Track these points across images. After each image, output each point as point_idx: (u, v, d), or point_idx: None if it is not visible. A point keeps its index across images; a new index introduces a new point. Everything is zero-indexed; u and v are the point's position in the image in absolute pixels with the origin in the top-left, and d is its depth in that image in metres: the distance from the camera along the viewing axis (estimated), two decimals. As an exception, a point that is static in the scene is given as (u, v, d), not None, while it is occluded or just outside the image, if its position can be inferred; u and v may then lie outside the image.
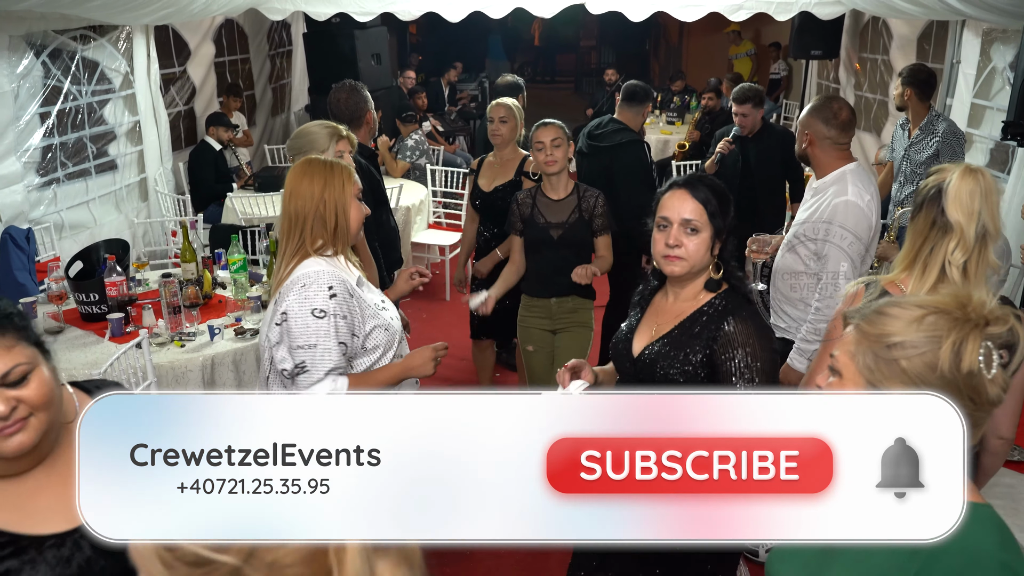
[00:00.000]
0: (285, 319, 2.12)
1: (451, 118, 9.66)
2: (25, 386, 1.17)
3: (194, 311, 3.43)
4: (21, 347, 1.17)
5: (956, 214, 1.84)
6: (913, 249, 1.91)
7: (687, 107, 9.02)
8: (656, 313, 1.99)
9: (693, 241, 1.86)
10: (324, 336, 2.10)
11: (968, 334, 1.06)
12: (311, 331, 2.10)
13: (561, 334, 3.37)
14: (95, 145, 5.42)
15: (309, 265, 2.14)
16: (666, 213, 1.90)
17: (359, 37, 7.04)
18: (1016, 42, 4.23)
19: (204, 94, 6.92)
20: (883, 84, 6.51)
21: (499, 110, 3.85)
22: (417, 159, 6.74)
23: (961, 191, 1.84)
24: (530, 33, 17.18)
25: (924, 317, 1.09)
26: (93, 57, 5.34)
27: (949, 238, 1.84)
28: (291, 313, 2.11)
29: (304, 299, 2.10)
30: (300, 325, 2.10)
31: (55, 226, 4.91)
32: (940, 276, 1.85)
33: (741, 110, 4.41)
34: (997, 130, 4.66)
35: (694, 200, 1.87)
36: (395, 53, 12.07)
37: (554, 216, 3.28)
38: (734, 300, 1.89)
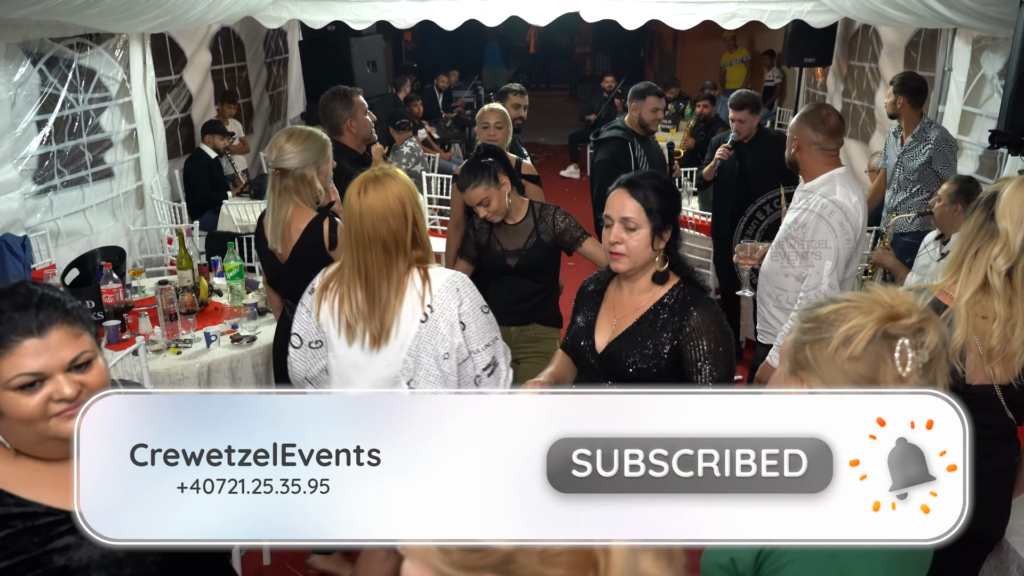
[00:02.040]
0: (465, 325, 2.17)
1: (446, 125, 9.68)
2: (88, 372, 1.25)
3: (190, 318, 3.44)
4: (87, 336, 1.27)
5: (1005, 221, 1.85)
6: (961, 251, 1.92)
7: (681, 114, 9.07)
8: (613, 307, 2.07)
9: (633, 238, 1.96)
10: (494, 328, 2.22)
11: (866, 324, 1.08)
12: (488, 328, 2.20)
13: (523, 363, 3.09)
14: (92, 153, 5.43)
15: (440, 271, 2.21)
16: (608, 212, 2.01)
17: (355, 44, 7.06)
18: (1006, 50, 4.27)
19: (201, 102, 6.93)
20: (870, 92, 6.56)
21: (493, 115, 3.85)
22: (412, 166, 6.76)
23: (1013, 200, 1.85)
24: (525, 40, 17.25)
25: (838, 308, 1.13)
26: (90, 65, 5.35)
27: (995, 243, 1.85)
28: (469, 316, 2.17)
29: (471, 300, 2.19)
30: (482, 324, 2.18)
31: (51, 234, 4.91)
32: (984, 282, 1.85)
33: (738, 116, 4.45)
34: (986, 137, 4.70)
35: (632, 199, 1.97)
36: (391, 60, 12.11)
37: (511, 243, 3.08)
38: (693, 291, 1.99)
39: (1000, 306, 1.82)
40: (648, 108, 4.29)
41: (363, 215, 2.13)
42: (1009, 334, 1.81)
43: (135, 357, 3.04)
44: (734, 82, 10.00)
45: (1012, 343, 1.82)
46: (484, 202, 2.95)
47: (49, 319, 1.22)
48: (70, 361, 1.23)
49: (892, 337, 1.07)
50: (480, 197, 2.94)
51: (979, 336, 1.84)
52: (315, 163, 2.77)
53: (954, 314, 1.85)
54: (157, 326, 3.40)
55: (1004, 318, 1.82)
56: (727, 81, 10.39)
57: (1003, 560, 2.12)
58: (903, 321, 1.07)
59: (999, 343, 1.82)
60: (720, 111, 8.04)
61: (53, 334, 1.22)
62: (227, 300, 3.75)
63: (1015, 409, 1.89)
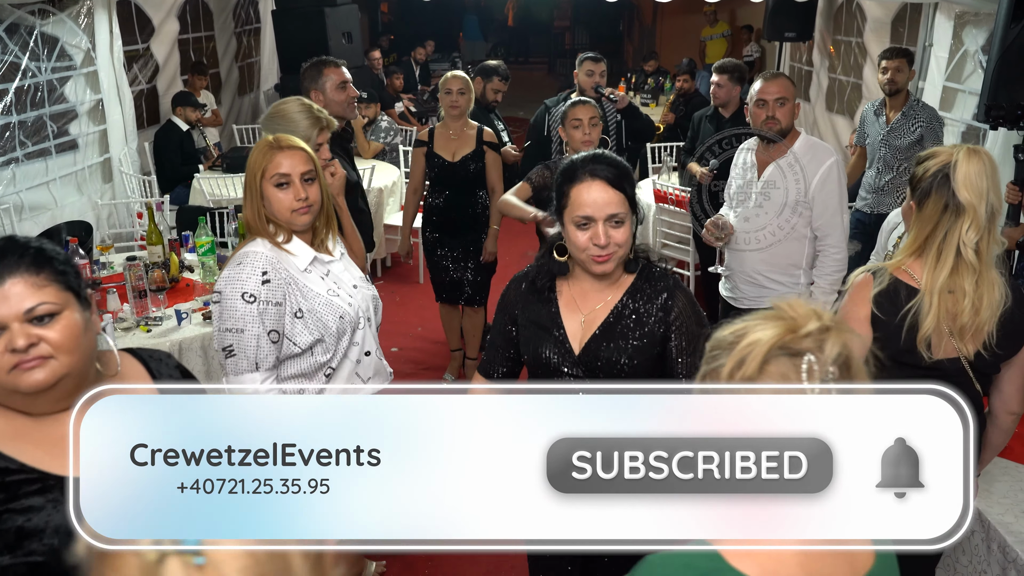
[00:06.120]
0: (219, 299, 2.05)
1: (424, 98, 9.54)
2: (50, 326, 1.21)
3: (160, 295, 3.35)
4: (54, 288, 1.22)
5: (967, 195, 1.83)
6: (922, 236, 1.90)
7: (661, 88, 9.00)
8: (575, 304, 1.86)
9: (620, 232, 1.75)
10: (252, 322, 2.02)
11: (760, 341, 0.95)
12: (239, 315, 2.02)
13: None
14: (55, 124, 5.26)
15: (253, 245, 2.08)
16: (588, 212, 1.74)
17: (329, 15, 6.88)
18: (988, 25, 4.25)
19: (167, 72, 6.75)
20: (857, 67, 6.53)
21: (457, 82, 3.92)
22: (392, 139, 6.65)
23: (970, 172, 1.84)
24: (504, 13, 17.03)
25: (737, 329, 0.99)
26: (52, 32, 5.17)
27: (962, 220, 1.84)
28: (223, 293, 2.04)
29: (236, 280, 2.03)
30: (229, 307, 2.03)
31: (14, 207, 4.77)
32: (956, 260, 1.85)
33: (718, 80, 4.41)
34: (969, 113, 4.70)
35: (613, 190, 1.74)
36: (367, 33, 11.88)
37: None
38: (663, 276, 1.85)
39: (968, 282, 1.83)
40: (583, 72, 4.40)
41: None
42: (978, 304, 1.83)
43: (103, 335, 2.95)
44: (714, 57, 9.94)
45: (981, 314, 1.84)
46: (593, 121, 3.27)
47: (8, 268, 1.20)
48: (25, 312, 1.19)
49: (795, 353, 0.93)
50: (591, 114, 3.27)
51: (949, 316, 1.85)
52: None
53: (922, 301, 1.85)
54: (126, 303, 3.30)
55: (973, 293, 1.83)
56: (707, 56, 10.34)
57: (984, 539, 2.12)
58: (801, 331, 0.94)
59: (970, 318, 1.84)
60: (700, 86, 8.00)
61: (10, 283, 1.19)
62: (199, 276, 3.66)
63: (982, 379, 1.93)
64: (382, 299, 2.43)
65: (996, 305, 1.84)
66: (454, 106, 3.90)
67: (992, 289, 1.84)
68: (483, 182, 4.00)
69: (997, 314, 1.84)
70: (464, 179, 3.95)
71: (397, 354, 4.76)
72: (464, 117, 3.96)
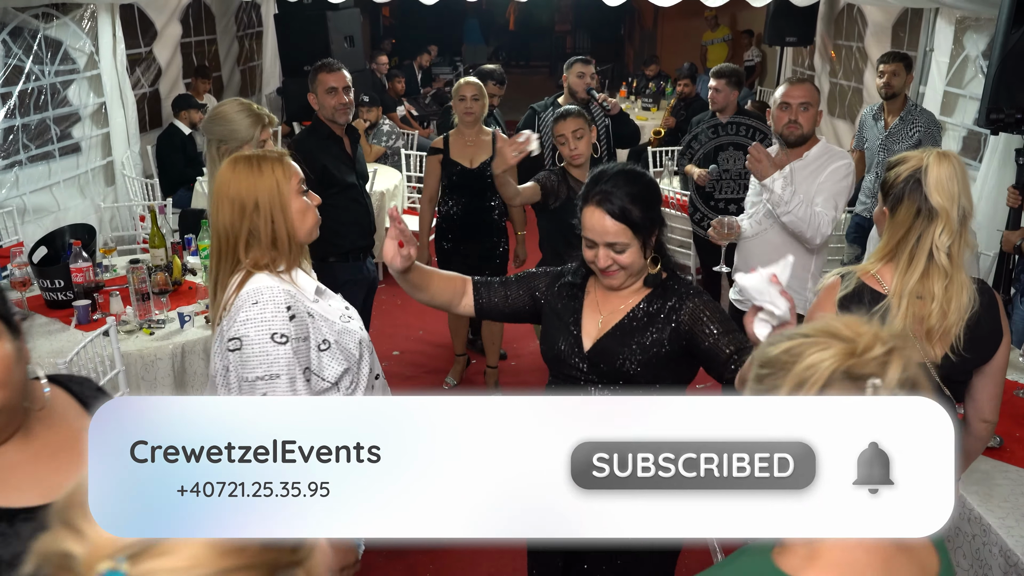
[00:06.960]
0: (240, 345, 1.75)
1: (425, 102, 9.55)
2: None
3: (163, 298, 3.36)
4: None
5: (940, 199, 1.83)
6: (894, 240, 1.90)
7: (662, 93, 9.01)
8: (597, 305, 1.94)
9: (624, 257, 1.82)
10: (288, 365, 1.74)
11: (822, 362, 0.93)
12: (271, 359, 1.74)
13: None
14: (58, 127, 5.27)
15: (260, 280, 1.79)
16: (591, 235, 1.82)
17: (331, 19, 6.91)
18: (989, 30, 4.26)
19: (169, 76, 6.77)
20: (858, 71, 6.55)
21: (471, 88, 3.89)
22: (394, 143, 6.67)
23: (941, 176, 1.84)
24: (505, 17, 17.06)
25: (790, 347, 0.97)
26: (56, 36, 5.18)
27: (935, 225, 1.84)
28: (248, 338, 1.74)
29: (261, 321, 1.74)
30: (258, 352, 1.74)
31: (17, 210, 4.78)
32: (928, 264, 1.85)
33: (716, 84, 4.42)
34: (969, 118, 4.70)
35: (612, 219, 1.78)
36: (368, 36, 11.90)
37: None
38: (683, 285, 1.90)
39: (939, 286, 1.84)
40: (574, 74, 4.37)
41: (216, 192, 1.82)
42: (947, 308, 1.84)
43: (106, 338, 2.96)
44: (715, 61, 9.93)
45: (949, 317, 1.84)
46: (578, 133, 3.23)
47: None
48: None
49: (858, 378, 0.91)
50: (575, 126, 3.23)
51: (917, 320, 1.85)
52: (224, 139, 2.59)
53: (890, 305, 1.86)
54: (129, 306, 3.31)
55: (942, 296, 1.84)
56: (708, 60, 10.34)
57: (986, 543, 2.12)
58: (867, 356, 0.92)
59: (938, 321, 1.84)
60: (700, 91, 8.01)
61: None
62: (201, 279, 3.67)
63: (952, 386, 1.89)
64: (384, 301, 2.42)
65: (964, 308, 1.84)
66: (468, 112, 3.88)
67: (961, 292, 1.84)
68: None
69: (965, 317, 1.84)
70: (484, 184, 3.91)
71: (399, 357, 4.76)
72: (479, 123, 3.95)
